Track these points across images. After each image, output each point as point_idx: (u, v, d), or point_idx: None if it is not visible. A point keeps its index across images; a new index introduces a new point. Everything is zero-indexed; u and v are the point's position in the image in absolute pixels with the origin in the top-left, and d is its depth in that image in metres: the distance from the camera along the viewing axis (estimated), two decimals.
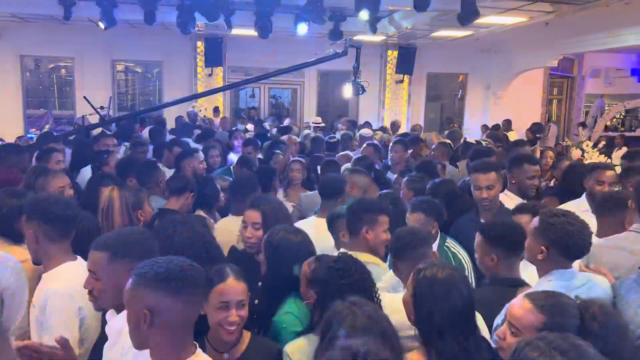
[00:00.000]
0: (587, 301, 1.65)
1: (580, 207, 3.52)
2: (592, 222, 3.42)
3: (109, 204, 2.95)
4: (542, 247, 2.14)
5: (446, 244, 3.08)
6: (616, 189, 3.58)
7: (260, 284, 2.49)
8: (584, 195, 3.71)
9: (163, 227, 2.28)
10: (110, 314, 1.97)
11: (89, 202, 3.05)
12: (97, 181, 3.48)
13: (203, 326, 1.96)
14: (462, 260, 3.01)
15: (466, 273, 2.81)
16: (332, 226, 2.99)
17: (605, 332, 1.55)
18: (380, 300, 2.06)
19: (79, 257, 2.32)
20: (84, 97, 7.75)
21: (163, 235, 2.23)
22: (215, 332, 1.99)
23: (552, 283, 2.10)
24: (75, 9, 8.88)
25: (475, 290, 2.47)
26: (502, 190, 3.65)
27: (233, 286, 1.99)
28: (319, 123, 10.98)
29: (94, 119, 7.70)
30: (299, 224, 3.46)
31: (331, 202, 3.49)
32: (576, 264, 3.07)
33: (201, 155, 5.05)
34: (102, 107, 8.09)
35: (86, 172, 4.77)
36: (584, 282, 2.16)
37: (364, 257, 2.46)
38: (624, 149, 7.55)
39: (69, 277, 2.21)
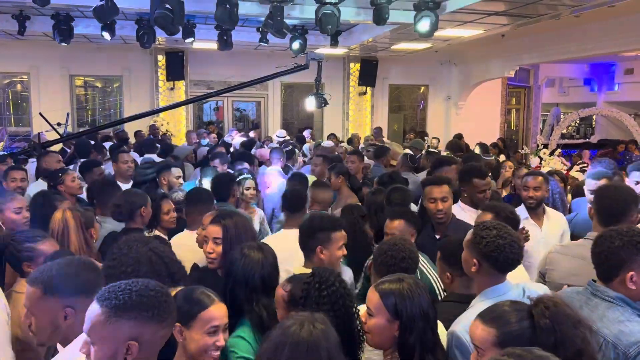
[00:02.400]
0: (535, 299, 1.63)
1: (521, 215, 3.62)
2: (534, 229, 3.59)
3: (64, 226, 2.87)
4: (475, 260, 2.14)
5: (421, 263, 2.97)
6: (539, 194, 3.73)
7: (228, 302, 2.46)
8: (522, 204, 3.83)
9: (118, 247, 2.19)
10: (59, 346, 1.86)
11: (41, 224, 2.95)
12: (46, 203, 3.38)
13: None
14: (434, 284, 2.91)
15: (436, 290, 2.79)
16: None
17: (554, 324, 1.54)
18: (358, 310, 2.03)
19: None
20: (40, 113, 7.51)
21: (118, 255, 2.15)
22: (195, 358, 1.87)
23: (485, 303, 2.08)
24: (30, 23, 8.67)
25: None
26: (456, 202, 3.71)
27: (221, 309, 1.91)
28: (283, 137, 10.94)
29: (54, 136, 7.48)
30: (269, 239, 3.44)
31: (296, 215, 3.47)
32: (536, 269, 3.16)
33: (177, 170, 4.92)
34: (59, 124, 7.82)
35: (35, 188, 4.59)
36: (518, 292, 2.16)
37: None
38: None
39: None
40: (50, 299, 1.76)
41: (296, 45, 8.81)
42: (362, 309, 2.02)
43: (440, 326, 2.06)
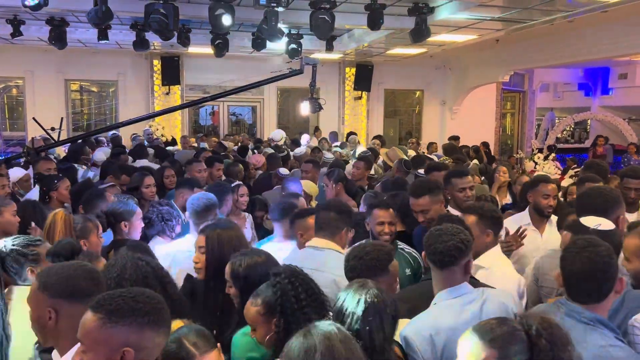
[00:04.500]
0: (526, 317, 1.59)
1: (522, 221, 3.62)
2: (534, 235, 3.55)
3: (51, 224, 2.86)
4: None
5: (399, 248, 3.17)
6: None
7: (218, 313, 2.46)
8: (526, 210, 3.79)
9: (109, 268, 2.15)
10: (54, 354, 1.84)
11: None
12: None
13: None
14: (417, 258, 3.16)
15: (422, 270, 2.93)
16: (292, 227, 3.07)
17: (551, 345, 1.52)
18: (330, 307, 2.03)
19: None
20: (33, 118, 7.56)
21: (111, 276, 2.12)
22: None
23: (439, 305, 2.15)
24: (25, 28, 8.66)
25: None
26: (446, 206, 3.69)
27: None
28: (280, 139, 10.90)
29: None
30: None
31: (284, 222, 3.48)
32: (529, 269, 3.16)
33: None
34: (53, 128, 7.85)
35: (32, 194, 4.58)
36: (476, 296, 2.17)
37: (327, 244, 2.77)
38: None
39: None
40: (40, 295, 1.78)
41: (291, 50, 8.84)
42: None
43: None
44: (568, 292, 2.00)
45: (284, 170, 5.98)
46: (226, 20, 6.19)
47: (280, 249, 3.22)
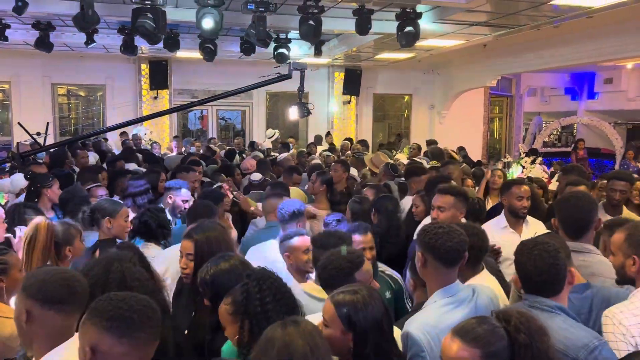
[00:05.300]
0: (503, 313, 1.63)
1: (499, 225, 3.70)
2: (513, 237, 3.56)
3: (32, 235, 2.77)
4: (419, 254, 2.20)
5: (379, 271, 3.08)
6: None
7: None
8: (502, 213, 3.85)
9: (88, 264, 2.13)
10: None
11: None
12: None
13: None
14: (398, 280, 3.09)
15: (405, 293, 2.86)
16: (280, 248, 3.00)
17: (530, 339, 1.56)
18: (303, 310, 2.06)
19: None
20: (18, 123, 7.49)
21: (89, 267, 2.10)
22: None
23: (439, 303, 2.14)
24: (11, 32, 8.58)
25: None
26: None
27: None
28: (272, 136, 10.83)
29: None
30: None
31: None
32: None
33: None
34: (38, 133, 7.78)
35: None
36: (468, 293, 2.20)
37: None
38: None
39: None
40: (21, 294, 1.81)
41: (279, 54, 8.83)
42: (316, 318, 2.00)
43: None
44: (526, 290, 2.13)
45: (255, 176, 5.92)
46: (206, 23, 6.16)
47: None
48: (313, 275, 2.72)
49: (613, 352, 2.00)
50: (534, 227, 3.80)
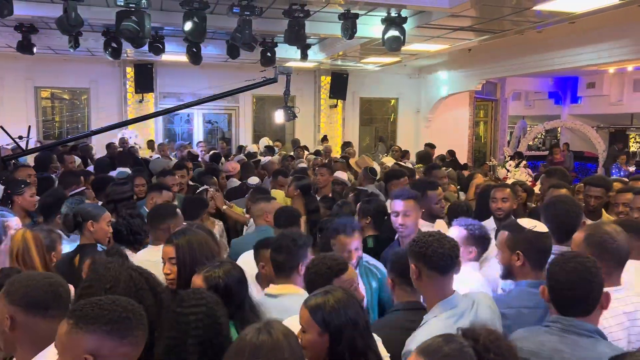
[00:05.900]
0: (471, 331, 1.52)
1: (488, 227, 3.69)
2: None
3: (24, 247, 2.77)
4: (413, 266, 2.19)
5: (364, 261, 3.12)
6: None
7: None
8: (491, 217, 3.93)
9: (95, 270, 2.08)
10: None
11: None
12: None
13: None
14: (381, 269, 3.11)
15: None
16: (255, 255, 2.92)
17: (501, 358, 1.48)
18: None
19: None
20: (0, 126, 7.40)
21: (96, 275, 2.06)
22: None
23: (441, 317, 2.11)
24: None
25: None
26: None
27: None
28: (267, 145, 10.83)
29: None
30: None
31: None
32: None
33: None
34: (20, 137, 7.69)
35: None
36: (469, 303, 2.17)
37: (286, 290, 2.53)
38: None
39: None
40: (2, 300, 1.79)
41: (265, 58, 8.83)
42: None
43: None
44: (555, 303, 1.98)
45: (252, 180, 5.93)
46: (186, 26, 6.19)
47: None
48: None
49: None
50: None
